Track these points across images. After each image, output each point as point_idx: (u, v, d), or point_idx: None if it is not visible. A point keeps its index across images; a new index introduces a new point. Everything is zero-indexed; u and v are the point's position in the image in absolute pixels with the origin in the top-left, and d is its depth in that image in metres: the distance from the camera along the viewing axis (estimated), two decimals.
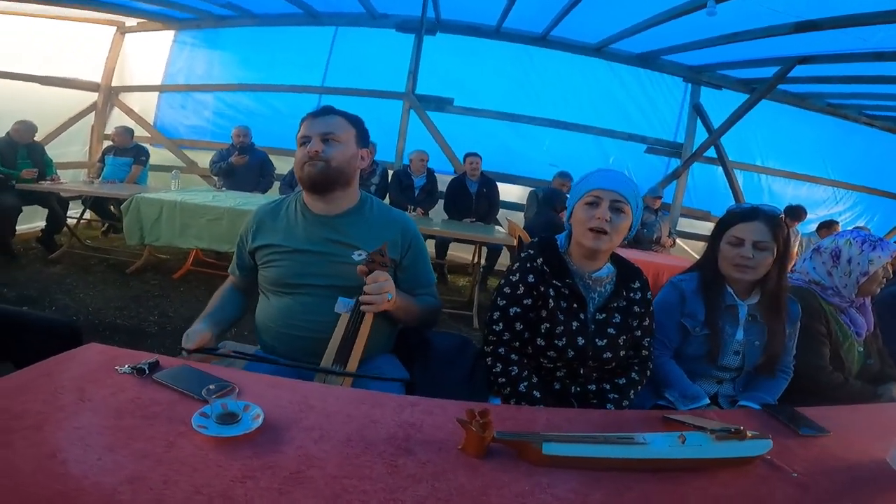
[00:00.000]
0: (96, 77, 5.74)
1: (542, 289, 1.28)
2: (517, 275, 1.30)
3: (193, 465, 0.69)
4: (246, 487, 0.67)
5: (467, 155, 4.96)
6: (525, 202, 5.09)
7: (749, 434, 0.87)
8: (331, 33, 5.59)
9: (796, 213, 5.06)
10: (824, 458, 0.94)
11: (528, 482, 0.76)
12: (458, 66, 5.58)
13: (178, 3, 5.03)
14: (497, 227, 4.72)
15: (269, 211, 1.46)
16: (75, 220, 4.68)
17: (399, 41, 5.44)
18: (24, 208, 3.99)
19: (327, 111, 1.37)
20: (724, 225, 1.45)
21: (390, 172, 5.06)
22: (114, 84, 5.89)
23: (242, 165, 4.70)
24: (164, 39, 5.87)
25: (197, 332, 1.19)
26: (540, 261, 1.30)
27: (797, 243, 5.16)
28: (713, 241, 1.49)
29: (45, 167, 4.32)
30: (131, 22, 5.72)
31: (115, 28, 5.71)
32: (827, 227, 5.15)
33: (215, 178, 4.95)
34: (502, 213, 5.28)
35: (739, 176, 5.79)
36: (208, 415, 0.79)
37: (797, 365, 1.51)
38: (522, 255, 1.35)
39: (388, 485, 0.72)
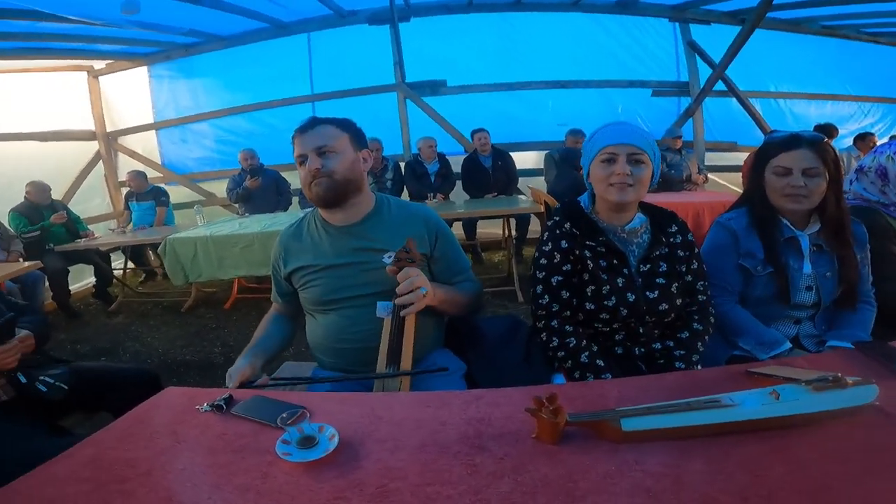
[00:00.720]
0: (84, 125, 5.75)
1: (578, 251, 1.24)
2: (549, 244, 1.27)
3: (290, 494, 0.72)
4: None
5: (474, 132, 4.91)
6: (542, 166, 5.01)
7: (850, 381, 0.79)
8: (304, 41, 5.54)
9: (827, 131, 4.84)
10: None
11: (614, 461, 0.73)
12: (442, 47, 5.49)
13: (137, 38, 5.02)
14: (520, 197, 4.67)
15: (292, 234, 1.45)
16: (121, 271, 4.86)
17: (376, 35, 5.36)
18: (70, 268, 4.15)
19: (314, 123, 1.33)
20: (764, 156, 1.36)
21: (402, 165, 5.03)
22: (109, 129, 5.95)
23: (258, 188, 4.76)
24: (139, 76, 5.85)
25: (237, 370, 1.20)
26: (568, 225, 1.27)
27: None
28: (755, 173, 1.39)
29: (75, 224, 4.46)
30: (99, 64, 5.69)
31: (85, 73, 5.72)
32: (862, 139, 5.00)
33: (237, 206, 5.03)
34: (522, 182, 5.22)
35: (756, 104, 5.56)
36: (289, 441, 0.82)
37: (876, 294, 1.41)
38: (549, 223, 1.32)
39: (470, 486, 0.71)
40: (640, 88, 5.63)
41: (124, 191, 5.30)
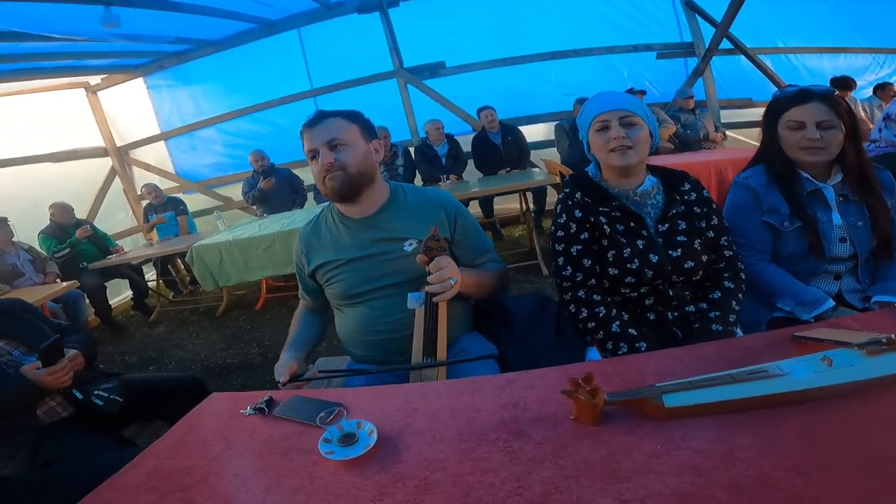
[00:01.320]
0: (92, 142, 5.80)
1: (593, 219, 1.24)
2: (563, 216, 1.27)
3: (336, 492, 0.73)
4: (384, 503, 0.69)
5: (480, 110, 4.84)
6: (552, 137, 4.94)
7: None
8: (295, 37, 5.48)
9: (845, 83, 4.68)
10: None
11: (659, 440, 0.71)
12: (437, 28, 5.37)
13: (126, 50, 5.02)
14: (534, 170, 4.61)
15: (311, 231, 1.45)
16: (155, 282, 5.00)
17: (367, 23, 5.27)
18: (106, 284, 4.30)
19: (322, 116, 1.31)
20: (775, 111, 1.33)
21: (412, 150, 5.00)
22: (119, 144, 6.00)
23: (272, 188, 4.79)
24: (137, 89, 5.89)
25: (284, 365, 1.22)
26: (579, 195, 1.27)
27: (859, 110, 4.82)
28: (768, 130, 1.36)
29: (104, 241, 4.58)
30: (95, 80, 5.72)
31: (83, 89, 5.76)
32: (882, 88, 4.86)
33: (254, 208, 5.08)
34: (534, 154, 5.14)
35: (766, 60, 5.35)
36: (330, 440, 0.83)
37: None
38: (560, 196, 1.32)
39: (511, 473, 0.70)
40: (644, 52, 5.45)
41: (144, 203, 5.40)
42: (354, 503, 0.70)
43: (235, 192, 5.52)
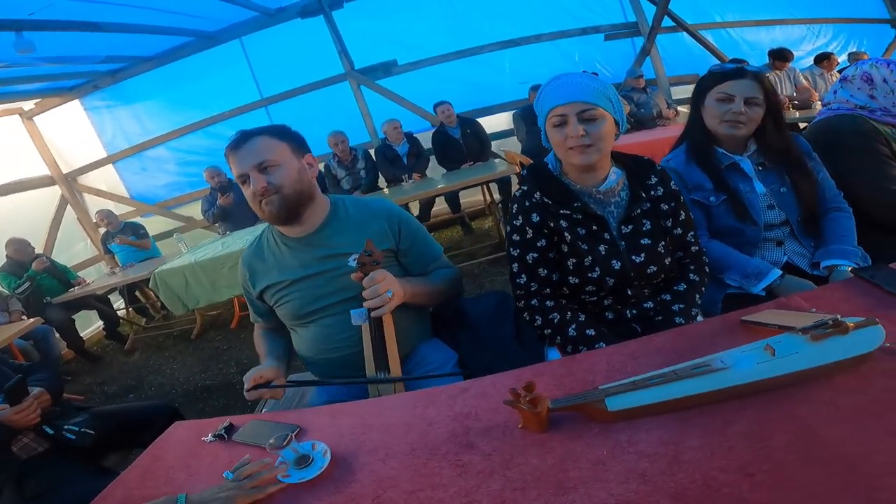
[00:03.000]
0: (37, 171, 5.49)
1: (552, 223, 1.15)
2: (519, 217, 1.19)
3: None
4: None
5: (436, 105, 4.81)
6: (513, 127, 4.93)
7: (851, 324, 0.71)
8: (238, 47, 5.31)
9: (783, 54, 4.83)
10: None
11: (605, 445, 0.69)
12: (385, 27, 5.29)
13: (54, 73, 4.78)
14: (496, 161, 4.61)
15: (253, 253, 1.40)
16: (125, 310, 4.86)
17: (312, 27, 5.15)
18: (74, 317, 4.21)
19: (246, 136, 1.23)
20: (708, 83, 1.35)
21: (372, 152, 4.93)
22: (65, 171, 5.71)
23: (231, 204, 4.66)
24: (75, 112, 5.59)
25: (263, 368, 1.21)
26: (538, 194, 1.17)
27: (801, 79, 4.94)
28: (697, 101, 1.39)
29: (64, 274, 4.44)
30: (28, 105, 5.43)
31: (17, 116, 5.44)
32: (825, 57, 4.98)
33: (217, 226, 4.94)
34: (498, 145, 5.14)
35: (707, 35, 5.47)
36: (286, 463, 0.83)
37: (870, 199, 1.40)
38: (517, 192, 1.24)
39: (461, 488, 0.70)
40: (593, 35, 5.50)
41: (101, 231, 5.20)
42: None
43: (197, 210, 5.35)
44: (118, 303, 4.91)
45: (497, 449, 0.75)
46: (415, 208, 4.74)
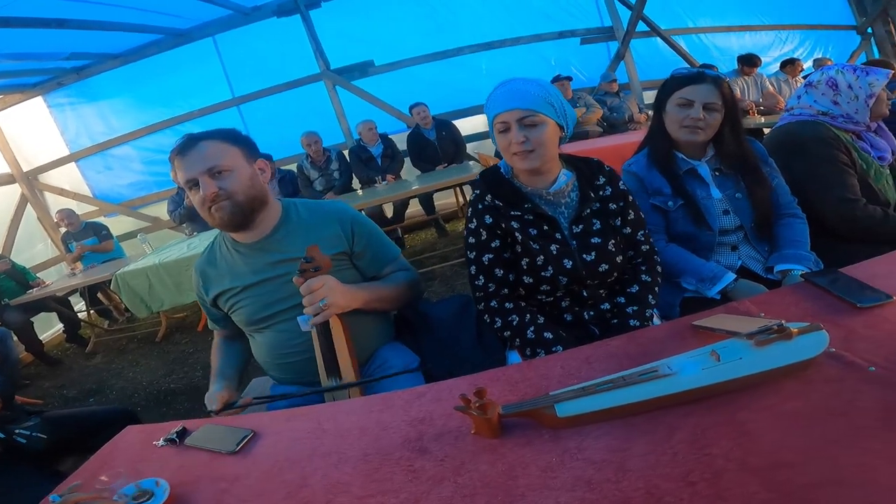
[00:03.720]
0: None
1: (504, 224, 1.17)
2: (474, 220, 1.21)
3: None
4: None
5: (412, 107, 4.80)
6: (488, 128, 4.94)
7: (794, 330, 0.71)
8: (210, 45, 5.22)
9: (751, 60, 4.95)
10: None
11: (555, 452, 0.69)
12: (363, 27, 5.28)
13: (17, 69, 4.64)
14: (471, 163, 4.61)
15: (206, 260, 1.37)
16: (85, 312, 4.72)
17: (288, 26, 5.10)
18: (33, 319, 4.11)
19: (194, 140, 1.18)
20: (669, 88, 1.37)
21: (346, 153, 4.89)
22: (25, 169, 5.48)
23: None
24: (37, 109, 5.42)
25: (215, 395, 1.20)
26: (489, 197, 1.20)
27: (767, 84, 5.07)
28: (658, 106, 1.40)
29: (23, 275, 4.31)
30: None
31: None
32: (791, 63, 5.12)
33: (184, 226, 4.81)
34: (475, 147, 5.16)
35: (680, 41, 5.61)
36: (126, 497, 0.80)
37: (827, 205, 1.43)
38: (471, 197, 1.26)
39: (411, 494, 0.69)
40: (570, 39, 5.58)
41: (62, 231, 5.01)
42: None
43: (163, 210, 5.21)
44: (79, 305, 4.76)
45: (449, 455, 0.74)
46: (388, 210, 4.72)
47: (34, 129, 5.48)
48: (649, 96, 5.59)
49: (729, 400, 0.70)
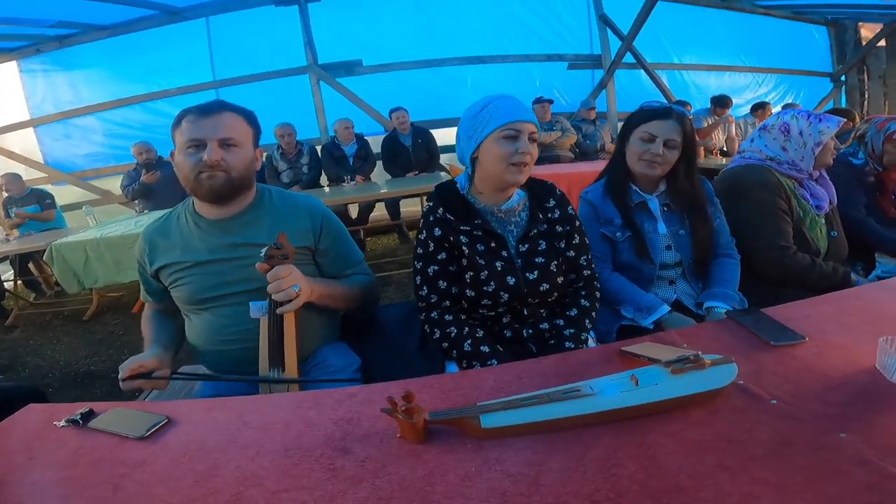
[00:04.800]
0: None
1: (453, 238, 1.19)
2: (424, 232, 1.22)
3: None
4: None
5: (392, 111, 4.80)
6: None
7: (708, 361, 0.76)
8: (202, 26, 5.16)
9: (723, 101, 5.15)
10: (804, 373, 0.80)
11: (475, 461, 0.70)
12: (357, 25, 5.31)
13: None
14: (442, 174, 4.64)
15: (158, 229, 1.32)
16: (12, 282, 4.42)
17: (284, 16, 5.08)
18: None
19: (221, 107, 1.19)
20: (636, 120, 1.40)
21: (319, 149, 4.83)
22: None
23: (160, 182, 4.38)
24: (8, 72, 5.27)
25: (144, 358, 1.12)
26: (441, 210, 1.21)
27: (733, 126, 5.29)
28: (623, 136, 1.44)
29: None
30: None
31: None
32: (761, 107, 5.28)
33: (135, 203, 4.62)
34: (449, 158, 5.20)
35: (663, 76, 5.84)
36: None
37: (758, 249, 1.49)
38: (425, 209, 1.27)
39: (327, 491, 0.68)
40: (557, 62, 5.73)
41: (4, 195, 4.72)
42: None
43: (116, 185, 5.00)
44: (7, 274, 4.47)
45: (371, 456, 0.74)
46: (354, 210, 4.67)
47: None
48: None
49: (641, 423, 0.73)
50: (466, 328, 1.19)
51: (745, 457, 0.64)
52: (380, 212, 4.86)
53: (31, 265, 4.55)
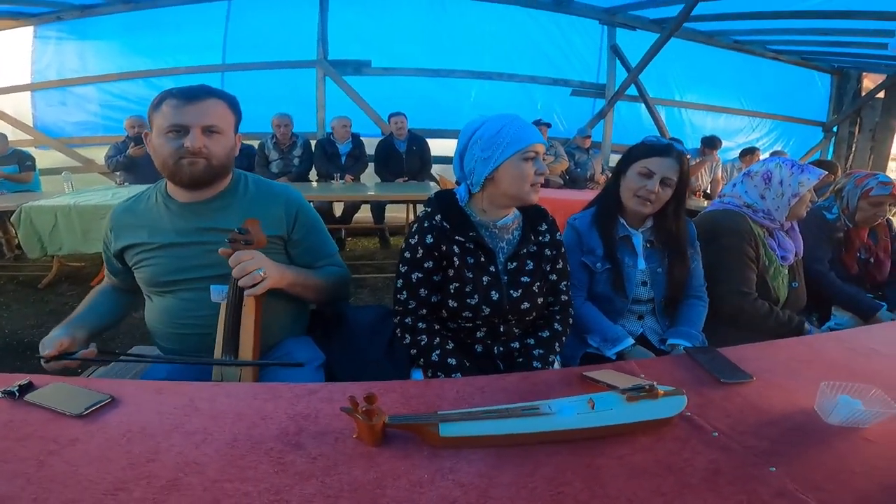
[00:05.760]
0: None
1: (445, 247, 1.19)
2: (416, 237, 1.21)
3: (64, 482, 0.67)
4: (118, 499, 0.64)
5: (391, 115, 4.79)
6: None
7: (661, 391, 0.80)
8: (223, 8, 5.16)
9: (712, 142, 5.24)
10: (747, 409, 0.85)
11: (429, 468, 0.69)
12: (373, 26, 5.33)
13: None
14: (431, 184, 4.64)
15: (126, 209, 1.29)
16: None
17: (304, 7, 5.10)
18: None
19: (206, 93, 1.16)
20: (636, 154, 1.40)
21: (313, 143, 4.80)
22: None
23: (145, 157, 4.30)
24: (22, 36, 5.23)
25: (54, 339, 1.07)
26: (439, 217, 1.21)
27: (720, 169, 5.40)
28: (620, 168, 1.45)
29: None
30: None
31: None
32: (750, 153, 5.35)
33: (116, 175, 4.53)
34: (440, 169, 5.19)
35: (662, 111, 5.96)
36: None
37: (720, 292, 1.52)
38: (420, 213, 1.26)
39: (272, 485, 0.66)
40: (562, 87, 5.82)
41: None
42: (81, 495, 0.64)
43: (100, 155, 4.90)
44: None
45: (324, 454, 0.72)
46: (338, 209, 4.64)
47: (7, 54, 5.27)
48: (615, 159, 5.88)
49: (592, 445, 0.75)
50: (437, 338, 1.19)
51: (681, 484, 0.67)
52: (364, 214, 4.83)
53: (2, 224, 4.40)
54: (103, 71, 5.25)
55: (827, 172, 1.62)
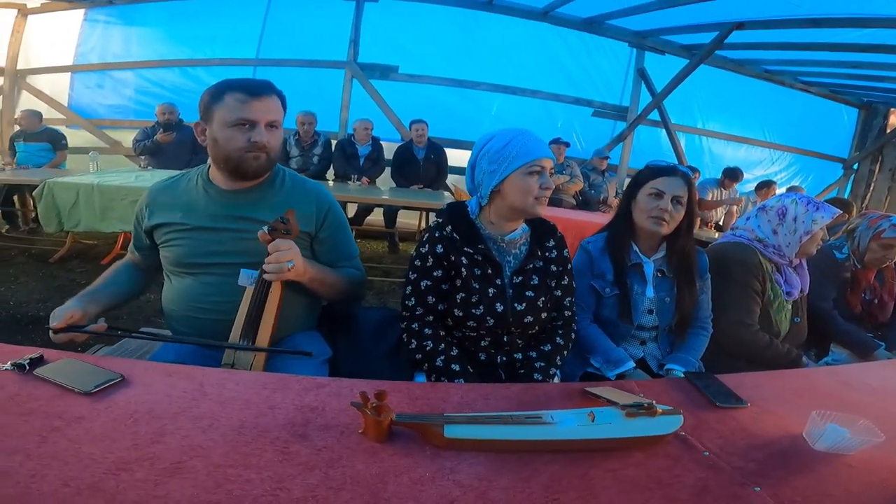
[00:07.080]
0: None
1: (454, 258, 1.21)
2: (426, 245, 1.24)
3: (64, 459, 0.66)
4: (119, 479, 0.63)
5: (413, 122, 4.84)
6: None
7: (659, 410, 0.82)
8: (264, 4, 5.31)
9: (734, 174, 5.18)
10: (739, 432, 0.88)
11: (430, 467, 0.71)
12: (403, 32, 5.42)
13: None
14: (445, 193, 4.66)
15: (165, 188, 1.33)
16: None
17: (339, 8, 5.20)
18: None
19: (270, 89, 1.22)
20: (643, 178, 1.44)
21: (334, 143, 4.87)
22: (20, 67, 5.46)
23: (171, 143, 4.40)
24: (73, 18, 5.41)
25: (65, 310, 1.09)
26: (449, 228, 1.24)
27: (740, 203, 5.30)
28: (630, 193, 1.47)
29: None
30: (34, 2, 5.25)
31: (15, 10, 5.26)
32: (766, 186, 5.29)
33: (141, 159, 4.62)
34: (455, 179, 5.22)
35: (682, 138, 5.92)
36: None
37: (723, 322, 1.52)
38: (432, 224, 1.29)
39: (276, 473, 0.67)
40: (585, 107, 5.82)
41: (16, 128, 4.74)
42: (83, 473, 0.64)
43: (128, 138, 5.01)
44: None
45: (329, 446, 0.74)
46: (351, 210, 4.69)
47: (56, 35, 5.45)
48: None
49: (588, 457, 0.77)
50: (443, 344, 1.21)
51: (669, 499, 0.69)
52: (376, 217, 4.87)
53: (15, 197, 4.52)
54: (144, 57, 5.41)
55: (841, 212, 1.62)
